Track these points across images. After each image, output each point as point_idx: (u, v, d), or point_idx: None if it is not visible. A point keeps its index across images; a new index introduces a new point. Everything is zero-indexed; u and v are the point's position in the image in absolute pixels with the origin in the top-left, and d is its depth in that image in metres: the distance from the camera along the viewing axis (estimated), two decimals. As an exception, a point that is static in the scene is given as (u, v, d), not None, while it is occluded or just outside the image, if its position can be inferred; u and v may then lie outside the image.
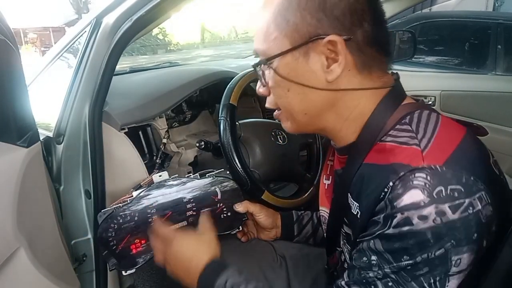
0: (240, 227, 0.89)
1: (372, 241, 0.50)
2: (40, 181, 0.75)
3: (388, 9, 1.55)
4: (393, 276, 0.48)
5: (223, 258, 0.69)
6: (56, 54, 1.09)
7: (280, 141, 1.03)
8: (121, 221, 0.75)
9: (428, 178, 0.46)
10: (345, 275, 0.55)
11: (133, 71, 1.49)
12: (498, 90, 1.56)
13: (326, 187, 0.74)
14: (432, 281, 0.47)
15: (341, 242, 0.67)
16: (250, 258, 0.86)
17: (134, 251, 0.76)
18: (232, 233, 0.89)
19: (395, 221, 0.46)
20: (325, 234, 0.73)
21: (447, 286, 0.47)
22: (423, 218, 0.45)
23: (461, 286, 0.49)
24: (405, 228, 0.46)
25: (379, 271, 0.49)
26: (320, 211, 0.75)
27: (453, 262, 0.46)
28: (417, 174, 0.46)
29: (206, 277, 0.65)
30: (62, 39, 1.10)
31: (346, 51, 0.52)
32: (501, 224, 0.51)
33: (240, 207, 0.84)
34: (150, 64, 1.91)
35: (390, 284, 0.48)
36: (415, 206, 0.45)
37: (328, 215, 0.71)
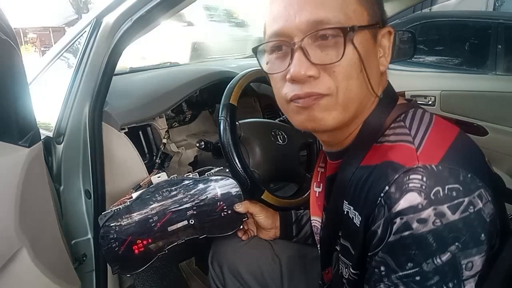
0: (241, 226, 0.89)
1: (379, 252, 0.47)
2: (41, 181, 0.75)
3: (388, 9, 1.55)
4: None
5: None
6: (56, 54, 1.09)
7: (280, 141, 1.03)
8: (122, 223, 0.75)
9: (424, 179, 0.43)
10: None
11: (133, 71, 1.49)
12: (498, 90, 1.56)
13: (317, 195, 0.71)
14: None
15: (339, 256, 0.61)
16: (248, 256, 0.87)
17: (136, 251, 0.76)
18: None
19: (395, 227, 0.44)
20: (318, 246, 0.70)
21: None
22: (422, 221, 0.42)
23: None
24: (406, 233, 0.43)
25: (389, 282, 0.46)
26: (312, 220, 0.72)
27: (464, 266, 0.43)
28: (411, 176, 0.44)
29: None
30: (62, 39, 1.10)
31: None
32: (504, 224, 0.49)
33: (240, 208, 0.84)
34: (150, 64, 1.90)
35: None
36: (413, 209, 0.43)
37: (320, 223, 0.68)
